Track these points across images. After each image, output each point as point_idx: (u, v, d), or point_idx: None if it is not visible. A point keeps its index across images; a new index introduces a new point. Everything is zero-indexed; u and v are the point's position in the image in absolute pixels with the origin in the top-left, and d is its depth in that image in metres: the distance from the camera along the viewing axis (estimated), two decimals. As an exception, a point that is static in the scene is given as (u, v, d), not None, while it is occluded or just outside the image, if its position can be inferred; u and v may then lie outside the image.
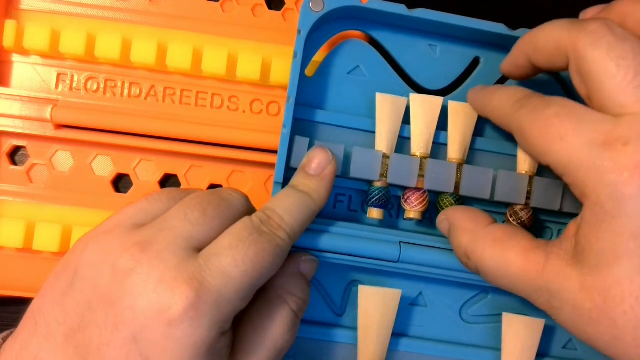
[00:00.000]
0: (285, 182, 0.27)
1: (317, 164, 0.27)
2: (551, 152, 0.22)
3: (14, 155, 0.33)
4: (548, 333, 0.29)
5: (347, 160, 0.28)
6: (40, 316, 0.22)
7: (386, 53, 0.30)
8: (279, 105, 0.34)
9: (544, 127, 0.22)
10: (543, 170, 0.31)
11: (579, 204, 0.30)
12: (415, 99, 0.29)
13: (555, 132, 0.21)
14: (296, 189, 0.26)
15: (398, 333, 0.30)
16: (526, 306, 0.31)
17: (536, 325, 0.29)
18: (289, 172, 0.28)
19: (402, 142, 0.30)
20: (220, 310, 0.21)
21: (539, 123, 0.22)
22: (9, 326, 0.32)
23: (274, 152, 0.33)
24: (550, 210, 0.31)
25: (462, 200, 0.30)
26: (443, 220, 0.28)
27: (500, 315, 0.30)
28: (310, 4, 0.27)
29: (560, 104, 0.22)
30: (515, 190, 0.30)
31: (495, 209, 0.31)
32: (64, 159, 0.33)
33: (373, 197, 0.28)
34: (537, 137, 0.22)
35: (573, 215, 0.31)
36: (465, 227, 0.26)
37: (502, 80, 0.31)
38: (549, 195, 0.30)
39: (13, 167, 0.33)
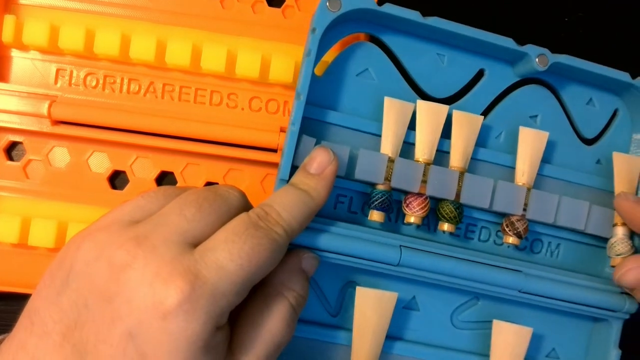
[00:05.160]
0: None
1: (318, 164, 0.26)
2: None
3: (11, 150, 0.33)
4: (533, 341, 0.30)
5: (351, 162, 0.28)
6: (36, 316, 0.21)
7: (395, 58, 0.30)
8: (278, 103, 0.34)
9: None
10: (540, 182, 0.31)
11: (573, 218, 0.30)
12: (422, 105, 0.29)
13: None
14: (296, 187, 0.26)
15: (390, 336, 0.30)
16: (514, 314, 0.32)
17: (524, 333, 0.30)
18: (292, 170, 0.28)
19: (405, 148, 0.30)
20: (215, 304, 0.21)
21: None
22: (4, 320, 0.33)
23: (271, 150, 0.33)
24: (543, 223, 0.31)
25: (462, 208, 0.29)
26: (634, 268, 0.29)
27: (488, 322, 0.31)
28: (328, 4, 0.27)
29: None
30: (513, 201, 0.30)
31: (489, 217, 0.32)
32: (60, 155, 0.33)
33: (376, 200, 0.28)
34: None
35: (566, 229, 0.31)
36: None
37: (504, 94, 0.31)
38: (544, 208, 0.30)
39: (9, 162, 0.33)
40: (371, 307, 0.28)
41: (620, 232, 0.31)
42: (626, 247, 0.31)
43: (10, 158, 0.33)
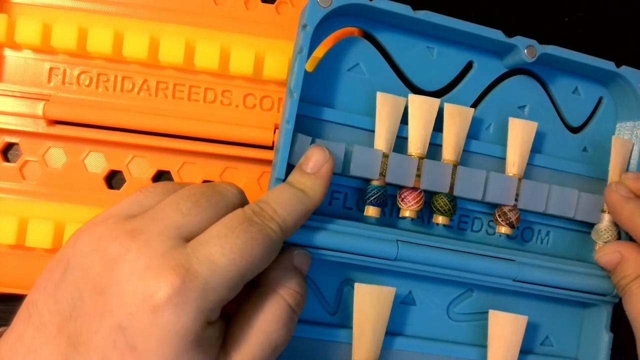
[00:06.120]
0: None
1: (314, 163, 0.27)
2: None
3: (7, 151, 0.33)
4: (527, 330, 0.30)
5: (346, 158, 0.29)
6: (34, 308, 0.22)
7: (385, 52, 0.31)
8: (272, 99, 0.34)
9: None
10: (529, 172, 0.32)
11: (563, 206, 0.31)
12: (414, 99, 0.30)
13: None
14: (292, 185, 0.26)
15: (389, 331, 0.30)
16: (508, 304, 0.33)
17: (520, 321, 0.30)
18: (287, 169, 0.28)
19: (398, 142, 0.30)
20: (206, 298, 0.21)
21: None
22: (2, 320, 0.33)
23: (267, 148, 0.33)
24: (534, 212, 0.32)
25: (455, 201, 0.30)
26: (613, 252, 0.31)
27: (484, 313, 0.32)
28: (319, 0, 0.27)
29: None
30: (505, 191, 0.30)
31: (481, 208, 0.32)
32: (56, 155, 0.33)
33: (372, 196, 0.29)
34: None
35: (556, 217, 0.32)
36: (637, 261, 0.30)
37: (492, 85, 0.32)
38: (535, 197, 0.31)
39: (6, 163, 0.33)
40: (370, 303, 0.28)
41: (607, 218, 0.32)
42: (613, 236, 0.32)
43: (7, 159, 0.33)
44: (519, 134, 0.31)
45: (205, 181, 0.34)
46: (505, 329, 0.30)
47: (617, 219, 0.32)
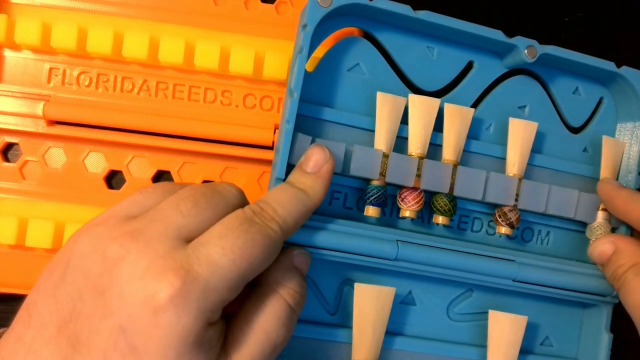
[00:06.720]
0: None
1: (314, 162, 0.27)
2: None
3: (7, 151, 0.33)
4: (527, 330, 0.30)
5: (346, 158, 0.29)
6: (34, 309, 0.22)
7: (385, 52, 0.31)
8: (272, 99, 0.34)
9: None
10: (530, 172, 0.32)
11: (563, 206, 0.31)
12: (414, 99, 0.30)
13: None
14: (292, 185, 0.26)
15: (389, 331, 0.30)
16: (508, 304, 0.32)
17: (520, 321, 0.30)
18: (287, 169, 0.28)
19: (398, 142, 0.30)
20: (207, 299, 0.21)
21: None
22: (2, 320, 0.33)
23: (267, 148, 0.33)
24: (534, 212, 0.32)
25: (455, 201, 0.30)
26: (607, 242, 0.30)
27: (484, 313, 0.32)
28: (319, 0, 0.27)
29: None
30: (505, 192, 0.30)
31: (481, 208, 0.32)
32: (56, 155, 0.33)
33: (372, 196, 0.29)
34: None
35: (556, 217, 0.32)
36: (630, 251, 0.30)
37: (492, 85, 0.32)
38: (535, 198, 0.31)
39: (6, 164, 0.33)
40: (370, 303, 0.28)
41: (601, 216, 0.32)
42: (606, 232, 0.32)
43: (7, 159, 0.33)
44: (519, 134, 0.31)
45: (205, 181, 0.34)
46: (505, 329, 0.30)
47: (613, 208, 0.31)
